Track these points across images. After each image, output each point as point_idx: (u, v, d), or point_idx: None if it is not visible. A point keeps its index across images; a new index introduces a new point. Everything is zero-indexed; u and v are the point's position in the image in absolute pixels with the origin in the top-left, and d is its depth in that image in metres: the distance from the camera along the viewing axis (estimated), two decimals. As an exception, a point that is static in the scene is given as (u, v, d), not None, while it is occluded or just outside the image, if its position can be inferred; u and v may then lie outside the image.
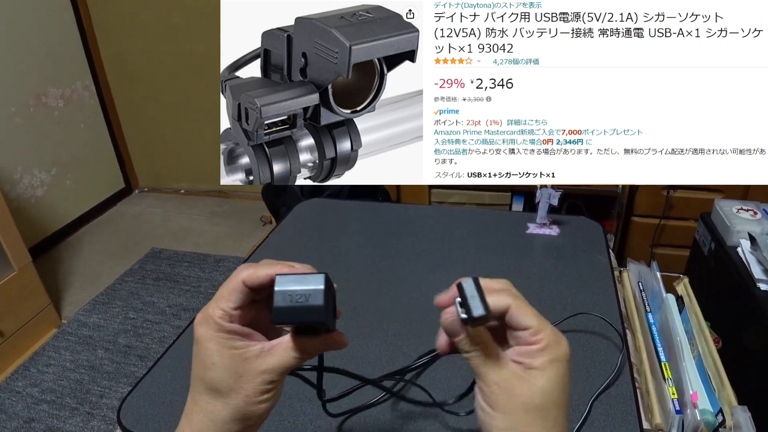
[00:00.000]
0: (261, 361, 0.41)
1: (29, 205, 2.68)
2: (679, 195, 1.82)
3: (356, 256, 1.11)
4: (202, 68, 2.87)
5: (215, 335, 0.41)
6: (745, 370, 1.07)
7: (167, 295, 2.36)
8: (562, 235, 1.13)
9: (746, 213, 1.29)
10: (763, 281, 1.11)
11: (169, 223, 3.03)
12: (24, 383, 1.91)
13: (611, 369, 0.76)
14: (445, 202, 2.14)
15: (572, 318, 0.88)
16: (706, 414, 0.74)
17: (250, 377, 0.41)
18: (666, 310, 0.90)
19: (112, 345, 2.08)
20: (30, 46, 2.60)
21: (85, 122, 2.98)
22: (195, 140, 3.14)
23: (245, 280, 0.42)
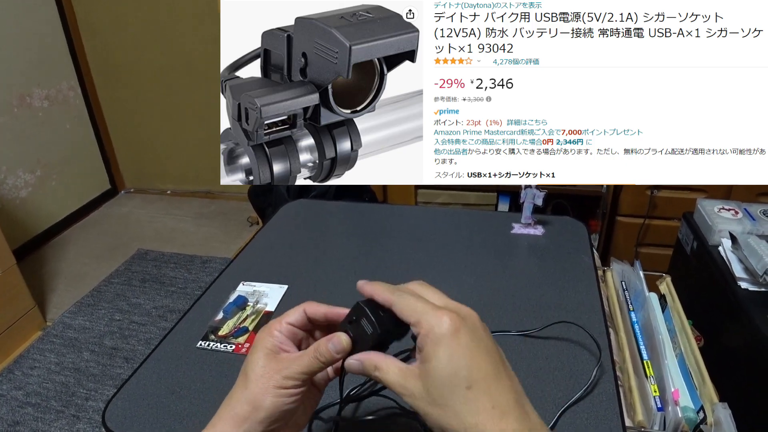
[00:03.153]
0: (287, 362, 0.47)
1: (13, 206, 2.65)
2: (663, 195, 1.85)
3: (342, 257, 1.12)
4: (190, 68, 2.86)
5: (265, 337, 0.50)
6: (726, 367, 1.09)
7: (153, 296, 2.35)
8: (547, 235, 1.14)
9: (728, 212, 1.31)
10: (744, 280, 1.13)
11: (155, 224, 3.02)
12: (8, 386, 1.89)
13: (587, 378, 0.75)
14: (431, 202, 2.15)
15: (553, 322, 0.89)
16: (688, 411, 0.75)
17: (273, 371, 0.47)
18: (648, 309, 0.91)
19: (98, 347, 2.07)
20: (13, 45, 2.57)
21: (70, 122, 2.96)
22: (182, 141, 3.12)
23: (306, 309, 0.51)
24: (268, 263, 1.09)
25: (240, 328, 0.90)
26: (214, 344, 0.86)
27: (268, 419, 0.46)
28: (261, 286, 1.01)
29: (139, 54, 2.92)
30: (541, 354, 0.81)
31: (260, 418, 0.46)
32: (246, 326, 0.90)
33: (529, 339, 0.84)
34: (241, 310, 0.95)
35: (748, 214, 1.30)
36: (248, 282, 1.02)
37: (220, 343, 0.87)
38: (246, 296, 0.97)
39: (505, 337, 0.85)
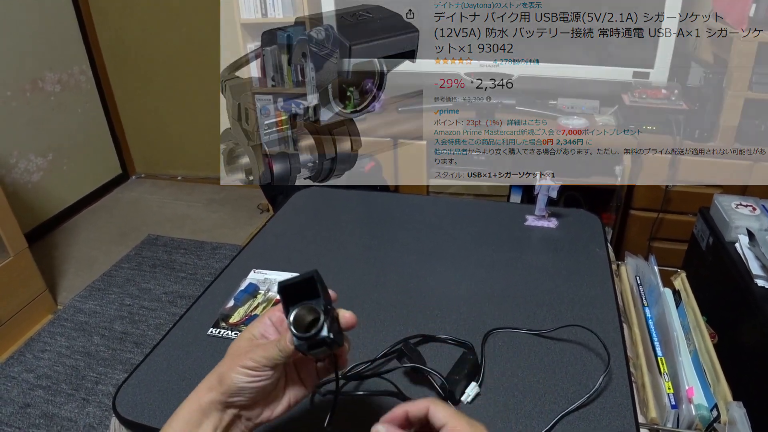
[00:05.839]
0: (258, 348, 0.52)
1: (25, 190, 2.67)
2: (678, 189, 1.82)
3: (353, 246, 1.11)
4: (201, 53, 2.84)
5: (256, 323, 0.55)
6: (740, 365, 1.07)
7: (163, 281, 2.36)
8: (561, 228, 1.13)
9: (745, 209, 1.29)
10: (761, 277, 1.11)
11: (165, 209, 3.02)
12: (19, 369, 1.91)
13: (594, 382, 0.73)
14: (443, 192, 2.14)
15: (562, 318, 0.88)
16: (702, 409, 0.74)
17: (244, 352, 0.52)
18: (663, 305, 0.90)
19: (108, 331, 2.08)
20: (26, 30, 2.57)
21: (81, 107, 2.96)
22: (193, 126, 3.12)
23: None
24: (280, 251, 1.09)
25: (251, 315, 0.90)
26: (225, 332, 0.86)
27: (229, 392, 0.51)
28: (272, 274, 1.01)
29: (150, 38, 2.91)
30: (551, 354, 0.80)
31: (222, 391, 0.51)
32: (257, 314, 0.90)
33: (539, 337, 0.83)
34: (252, 297, 0.94)
35: (766, 211, 1.28)
36: (259, 270, 1.02)
37: (231, 330, 0.87)
38: (257, 284, 0.97)
39: (516, 334, 0.84)
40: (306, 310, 0.50)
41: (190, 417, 0.51)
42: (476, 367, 0.76)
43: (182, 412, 0.52)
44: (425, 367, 0.73)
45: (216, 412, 0.52)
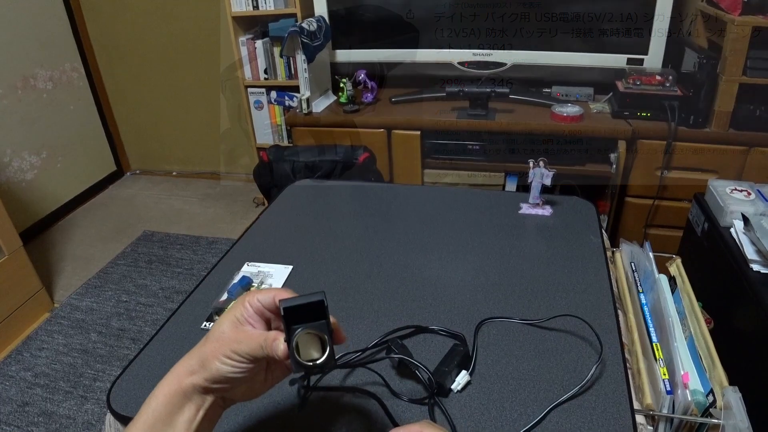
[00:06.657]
0: (241, 338, 0.51)
1: (19, 188, 2.65)
2: (673, 175, 1.82)
3: (347, 237, 1.10)
4: (193, 48, 2.83)
5: (238, 306, 0.53)
6: (736, 350, 1.07)
7: (160, 277, 2.35)
8: (555, 215, 1.13)
9: (740, 193, 1.28)
10: (756, 262, 1.11)
11: (161, 205, 3.01)
12: (17, 367, 1.91)
13: (587, 371, 0.72)
14: (438, 182, 2.13)
15: (557, 306, 0.87)
16: (697, 394, 0.74)
17: (228, 340, 0.51)
18: (658, 291, 0.89)
19: (105, 328, 2.07)
20: (16, 27, 2.55)
21: (74, 104, 2.94)
22: (187, 122, 3.11)
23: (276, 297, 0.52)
24: (273, 243, 1.08)
25: (244, 309, 0.89)
26: (218, 326, 0.86)
27: (212, 379, 0.51)
28: (266, 266, 1.00)
29: (142, 34, 2.89)
30: (545, 342, 0.80)
31: (205, 376, 0.51)
32: (250, 308, 0.90)
33: (533, 326, 0.83)
34: (246, 290, 0.94)
35: (761, 196, 1.27)
36: (253, 262, 1.01)
37: (224, 324, 0.86)
38: (251, 277, 0.97)
39: (509, 324, 0.83)
40: (308, 337, 0.49)
41: (170, 399, 0.51)
42: (467, 358, 0.76)
43: (161, 393, 0.51)
44: (413, 360, 0.73)
45: (197, 395, 0.52)
